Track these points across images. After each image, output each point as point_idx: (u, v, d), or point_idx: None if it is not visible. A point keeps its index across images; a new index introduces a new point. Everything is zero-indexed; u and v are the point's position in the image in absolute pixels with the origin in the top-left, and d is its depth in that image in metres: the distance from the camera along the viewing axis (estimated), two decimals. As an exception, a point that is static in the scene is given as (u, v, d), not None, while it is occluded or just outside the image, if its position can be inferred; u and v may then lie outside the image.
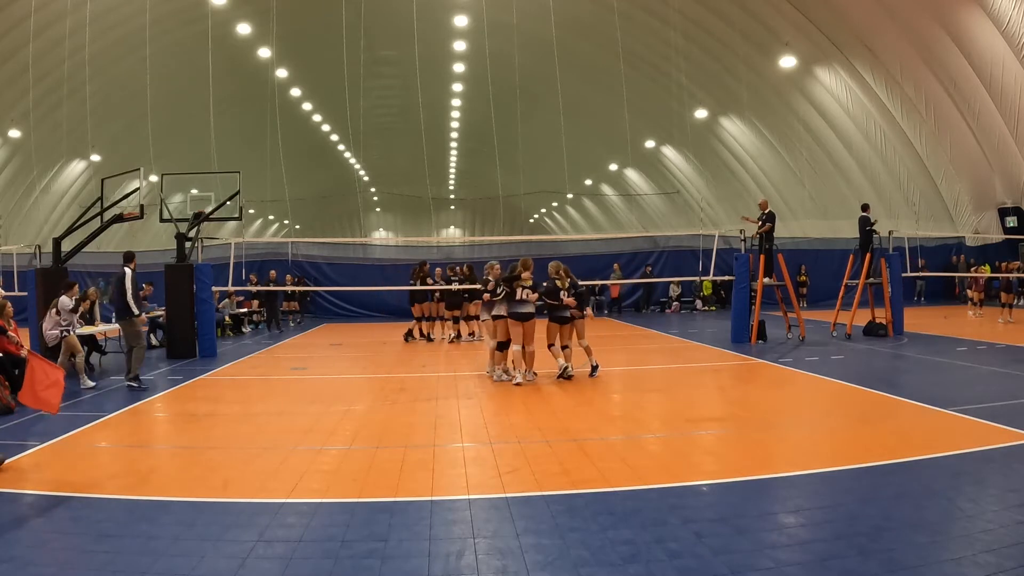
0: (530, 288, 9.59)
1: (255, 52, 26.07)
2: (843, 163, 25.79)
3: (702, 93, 27.03)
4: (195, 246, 14.10)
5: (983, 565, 3.63)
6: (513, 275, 9.66)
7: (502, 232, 44.50)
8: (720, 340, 14.39)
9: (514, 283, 9.60)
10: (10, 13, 20.40)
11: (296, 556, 3.93)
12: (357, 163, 44.92)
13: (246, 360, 13.07)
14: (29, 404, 6.23)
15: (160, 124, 24.16)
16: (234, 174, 14.57)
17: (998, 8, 17.78)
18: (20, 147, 25.26)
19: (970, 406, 7.28)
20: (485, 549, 3.99)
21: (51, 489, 5.20)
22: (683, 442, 6.48)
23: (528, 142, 29.01)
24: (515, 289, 9.56)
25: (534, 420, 7.40)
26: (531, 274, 9.73)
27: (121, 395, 9.21)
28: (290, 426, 7.27)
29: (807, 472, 5.34)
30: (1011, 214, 23.32)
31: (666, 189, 36.32)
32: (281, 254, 23.62)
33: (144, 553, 3.97)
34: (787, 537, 4.10)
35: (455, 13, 25.07)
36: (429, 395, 8.94)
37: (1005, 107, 19.91)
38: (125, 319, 10.05)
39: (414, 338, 15.89)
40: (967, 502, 4.59)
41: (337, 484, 5.24)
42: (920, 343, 13.27)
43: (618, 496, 4.86)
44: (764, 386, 9.65)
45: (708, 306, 24.27)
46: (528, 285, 9.60)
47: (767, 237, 14.09)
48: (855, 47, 22.08)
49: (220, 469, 5.75)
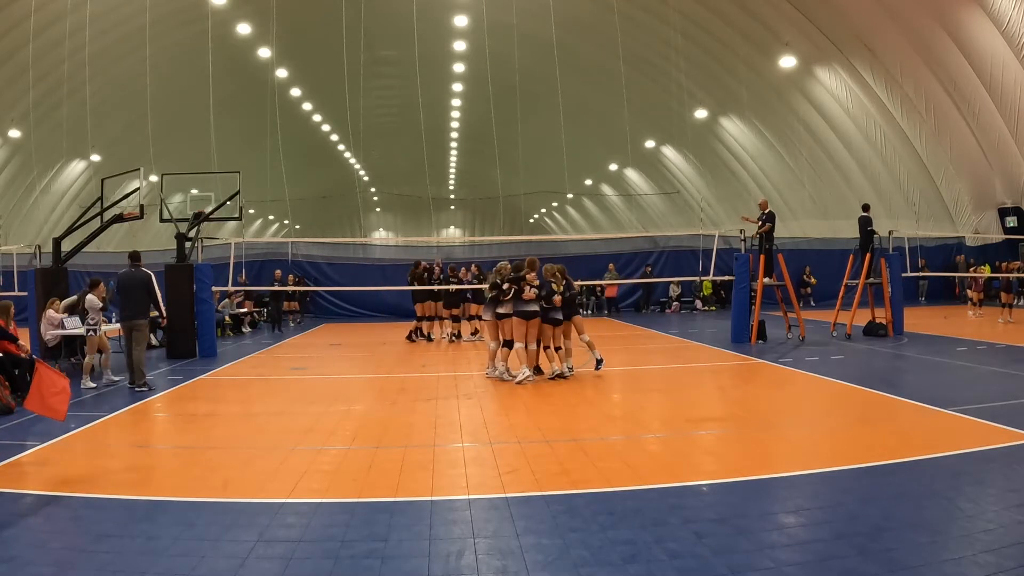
0: (536, 287, 9.67)
1: (255, 52, 26.06)
2: (843, 163, 25.78)
3: (702, 93, 27.02)
4: (195, 246, 14.10)
5: (983, 565, 3.63)
6: (519, 275, 9.70)
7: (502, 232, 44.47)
8: (720, 340, 14.39)
9: (521, 282, 9.65)
10: (10, 13, 20.39)
11: (296, 556, 3.93)
12: (357, 163, 44.91)
13: (246, 360, 13.07)
14: (36, 411, 6.25)
15: (160, 124, 24.15)
16: (234, 174, 14.58)
17: (998, 8, 17.78)
18: (20, 147, 25.25)
19: (970, 406, 7.28)
20: (485, 549, 3.99)
21: (51, 489, 5.21)
22: (683, 442, 6.48)
23: (528, 142, 28.98)
24: (522, 288, 9.62)
25: (534, 420, 7.40)
26: (536, 274, 9.80)
27: (121, 395, 9.20)
28: (290, 426, 7.27)
29: (807, 472, 5.35)
30: (1011, 214, 23.32)
31: (666, 189, 36.30)
32: (281, 254, 23.61)
33: (144, 553, 3.97)
34: (787, 537, 4.10)
35: (455, 13, 25.06)
36: (429, 395, 8.94)
37: (1005, 107, 19.91)
38: (145, 320, 9.99)
39: (421, 336, 15.87)
40: (967, 502, 4.59)
41: (337, 484, 5.24)
42: (920, 343, 13.27)
43: (618, 496, 4.86)
44: (764, 386, 9.65)
45: (708, 306, 24.26)
46: (535, 284, 9.68)
47: (767, 237, 14.09)
48: (855, 47, 22.08)
49: (220, 469, 5.75)
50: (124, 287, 9.85)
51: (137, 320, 9.84)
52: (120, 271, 10.17)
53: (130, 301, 9.82)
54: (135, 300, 9.82)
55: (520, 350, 9.68)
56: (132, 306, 9.83)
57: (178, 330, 13.42)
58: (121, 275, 10.00)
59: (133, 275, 9.95)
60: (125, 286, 9.84)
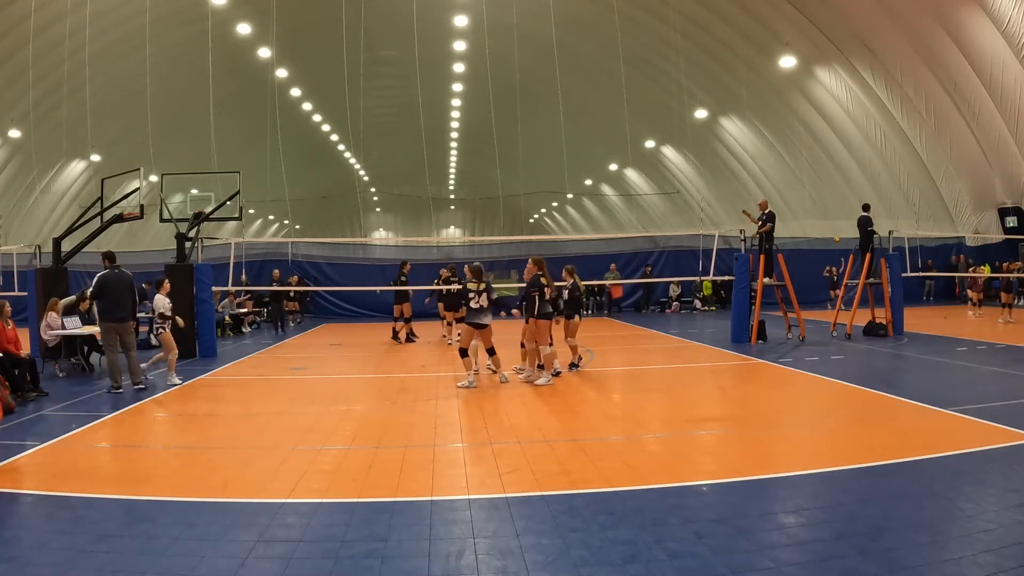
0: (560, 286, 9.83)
1: (255, 52, 26.08)
2: (843, 163, 25.79)
3: (702, 93, 27.03)
4: (195, 246, 14.10)
5: (983, 565, 3.63)
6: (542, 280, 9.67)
7: (502, 232, 44.52)
8: (720, 340, 14.39)
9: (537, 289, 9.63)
10: (10, 13, 20.41)
11: (296, 556, 3.93)
12: (357, 163, 44.94)
13: (246, 360, 13.06)
14: None
15: (160, 124, 24.16)
16: (234, 174, 14.57)
17: (998, 8, 17.79)
18: (20, 147, 25.27)
19: (970, 406, 7.28)
20: (485, 549, 3.99)
21: (51, 489, 5.21)
22: (683, 442, 6.48)
23: (528, 142, 29.00)
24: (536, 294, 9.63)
25: (534, 420, 7.40)
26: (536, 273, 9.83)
27: (121, 395, 9.20)
28: (290, 426, 7.27)
29: (807, 472, 5.34)
30: (1011, 214, 23.32)
31: (666, 189, 36.32)
32: (281, 254, 23.62)
33: (144, 553, 3.97)
34: (787, 537, 4.10)
35: (455, 13, 25.08)
36: (429, 395, 8.93)
37: (1005, 107, 19.91)
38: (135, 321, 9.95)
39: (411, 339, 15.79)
40: (967, 502, 4.59)
41: (337, 484, 5.24)
42: (920, 343, 13.27)
43: (618, 496, 4.86)
44: (764, 386, 9.65)
45: (708, 306, 24.26)
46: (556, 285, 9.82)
47: (767, 237, 14.09)
48: (855, 47, 22.09)
49: (220, 469, 5.75)
50: (113, 288, 9.63)
51: (129, 322, 9.75)
52: (101, 272, 9.86)
53: (121, 302, 9.66)
54: (124, 301, 9.69)
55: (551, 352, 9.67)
56: (123, 307, 9.67)
57: (178, 330, 13.40)
58: (107, 276, 9.71)
59: (119, 276, 9.80)
60: (114, 287, 9.64)
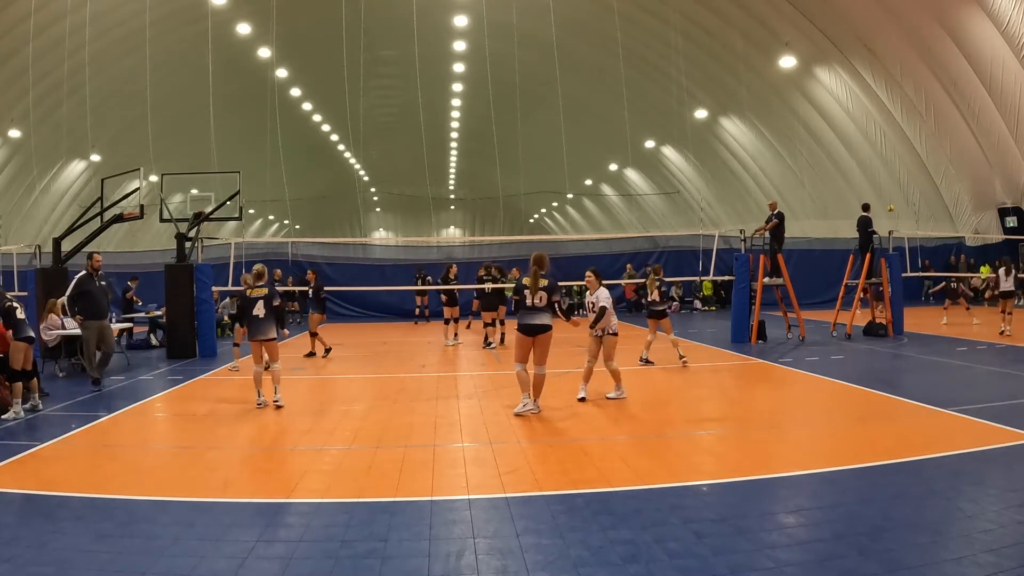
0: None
1: (255, 52, 26.08)
2: (843, 163, 25.78)
3: (702, 93, 27.03)
4: (195, 246, 14.09)
5: (983, 565, 3.63)
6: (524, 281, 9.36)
7: (502, 232, 44.48)
8: (720, 340, 14.38)
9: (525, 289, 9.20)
10: (10, 13, 20.40)
11: (296, 556, 3.93)
12: (357, 163, 44.94)
13: (246, 360, 13.03)
14: None
15: (160, 124, 24.17)
16: (234, 174, 14.58)
17: (998, 8, 17.78)
18: (20, 147, 25.25)
19: (970, 406, 7.28)
20: (485, 549, 3.99)
21: (51, 489, 5.20)
22: (683, 442, 6.48)
23: (528, 142, 29.01)
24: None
25: (534, 420, 7.39)
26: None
27: (121, 395, 9.21)
28: (290, 426, 7.27)
29: (807, 472, 5.34)
30: (1011, 214, 23.30)
31: (666, 189, 36.32)
32: (281, 254, 23.60)
33: (144, 553, 3.97)
34: (787, 537, 4.10)
35: (455, 13, 25.08)
36: (429, 395, 8.93)
37: (1005, 107, 19.90)
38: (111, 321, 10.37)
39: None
40: (967, 502, 4.59)
41: (337, 484, 5.24)
42: (920, 343, 13.27)
43: (618, 496, 4.86)
44: (764, 386, 9.65)
45: (708, 306, 24.26)
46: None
47: (776, 237, 14.07)
48: (855, 47, 22.08)
49: (220, 469, 5.75)
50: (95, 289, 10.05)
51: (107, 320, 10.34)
52: (80, 273, 10.19)
53: (102, 302, 10.18)
54: (104, 301, 10.24)
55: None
56: (104, 307, 10.22)
57: (178, 330, 13.43)
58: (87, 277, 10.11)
59: (100, 277, 10.37)
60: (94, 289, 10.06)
